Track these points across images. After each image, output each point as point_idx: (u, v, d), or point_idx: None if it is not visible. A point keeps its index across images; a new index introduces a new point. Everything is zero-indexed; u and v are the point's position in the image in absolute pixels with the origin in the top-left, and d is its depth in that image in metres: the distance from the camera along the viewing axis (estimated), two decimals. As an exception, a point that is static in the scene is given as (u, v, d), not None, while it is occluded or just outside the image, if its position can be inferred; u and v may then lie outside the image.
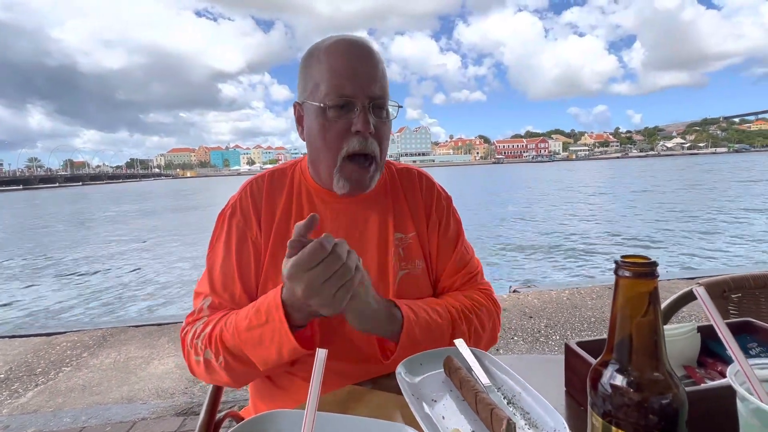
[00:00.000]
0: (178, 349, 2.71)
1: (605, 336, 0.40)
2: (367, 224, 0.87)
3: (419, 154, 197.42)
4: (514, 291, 4.18)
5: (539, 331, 3.09)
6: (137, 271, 7.93)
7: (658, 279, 0.36)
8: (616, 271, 0.37)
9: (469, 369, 0.67)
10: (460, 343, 0.74)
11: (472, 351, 0.72)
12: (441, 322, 0.79)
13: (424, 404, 0.61)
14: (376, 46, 0.81)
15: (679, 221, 10.89)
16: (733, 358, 0.40)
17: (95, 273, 7.99)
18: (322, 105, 0.77)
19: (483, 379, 0.64)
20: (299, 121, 0.85)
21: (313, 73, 0.79)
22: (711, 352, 0.64)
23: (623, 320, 0.37)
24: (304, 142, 0.86)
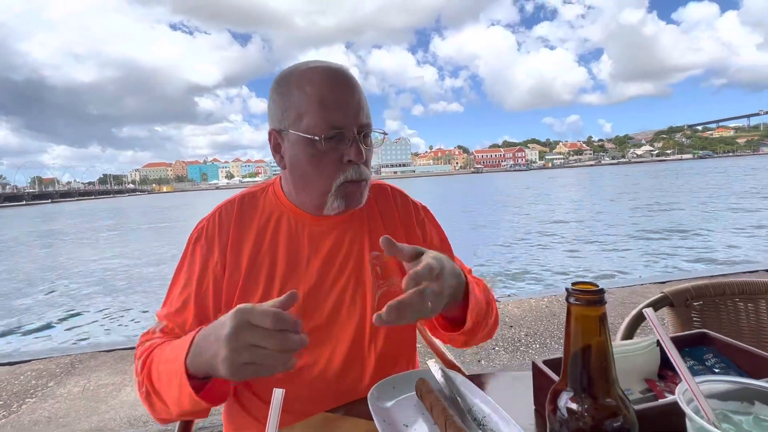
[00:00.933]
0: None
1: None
2: (343, 244, 0.86)
3: (400, 165, 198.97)
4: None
5: (519, 340, 3.12)
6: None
7: (606, 305, 0.37)
8: (567, 299, 0.38)
9: (441, 391, 0.68)
10: (432, 365, 0.75)
11: (444, 372, 0.72)
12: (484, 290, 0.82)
13: (396, 430, 0.61)
14: (352, 73, 0.82)
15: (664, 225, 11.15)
16: (681, 377, 0.41)
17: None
18: (312, 137, 0.75)
19: (454, 400, 0.65)
20: (277, 149, 0.83)
21: (294, 101, 0.77)
22: (671, 365, 0.66)
23: (575, 346, 0.38)
24: (282, 169, 0.84)
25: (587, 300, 0.37)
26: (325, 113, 0.75)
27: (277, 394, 0.41)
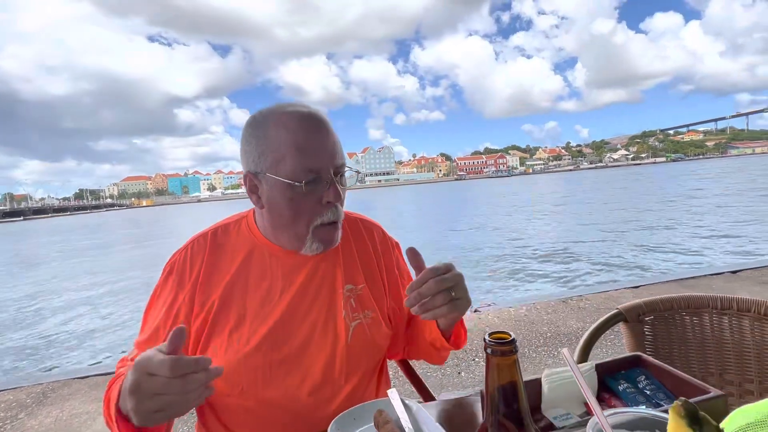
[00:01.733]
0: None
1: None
2: (316, 276, 0.88)
3: (384, 174, 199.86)
4: (475, 310, 4.28)
5: (499, 351, 3.18)
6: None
7: (517, 353, 0.42)
8: (484, 349, 0.43)
9: (397, 421, 0.71)
10: (392, 393, 0.78)
11: (402, 401, 0.76)
12: None
13: (352, 463, 0.64)
14: (325, 115, 0.84)
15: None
16: (592, 411, 0.46)
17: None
18: (292, 182, 0.78)
19: (409, 431, 0.68)
20: (253, 190, 0.84)
21: (271, 145, 0.79)
22: (608, 389, 0.72)
23: (492, 390, 0.43)
24: (259, 209, 0.86)
25: (501, 351, 0.42)
26: (303, 158, 0.78)
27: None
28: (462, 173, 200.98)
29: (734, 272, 4.57)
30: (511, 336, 0.43)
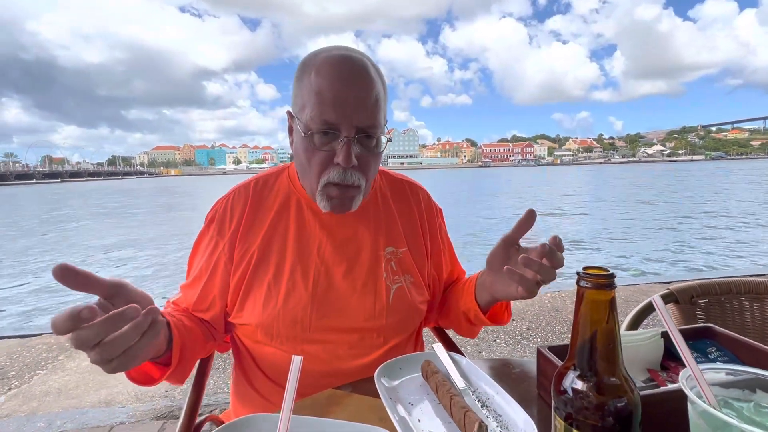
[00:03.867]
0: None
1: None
2: (357, 236, 0.86)
3: (407, 156, 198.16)
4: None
5: (521, 333, 3.14)
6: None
7: (615, 289, 0.38)
8: (578, 282, 0.39)
9: (446, 373, 0.69)
10: (438, 348, 0.76)
11: (449, 355, 0.74)
12: None
13: (401, 407, 0.63)
14: (372, 64, 0.77)
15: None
16: (685, 363, 0.42)
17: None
18: (307, 131, 0.74)
19: (458, 382, 0.66)
20: (290, 131, 0.83)
21: (302, 89, 0.76)
22: (674, 356, 0.67)
23: (584, 328, 0.39)
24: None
25: (598, 284, 0.38)
26: (320, 107, 0.72)
27: (296, 362, 0.42)
28: (487, 160, 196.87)
29: (776, 274, 4.33)
30: (608, 270, 0.39)
